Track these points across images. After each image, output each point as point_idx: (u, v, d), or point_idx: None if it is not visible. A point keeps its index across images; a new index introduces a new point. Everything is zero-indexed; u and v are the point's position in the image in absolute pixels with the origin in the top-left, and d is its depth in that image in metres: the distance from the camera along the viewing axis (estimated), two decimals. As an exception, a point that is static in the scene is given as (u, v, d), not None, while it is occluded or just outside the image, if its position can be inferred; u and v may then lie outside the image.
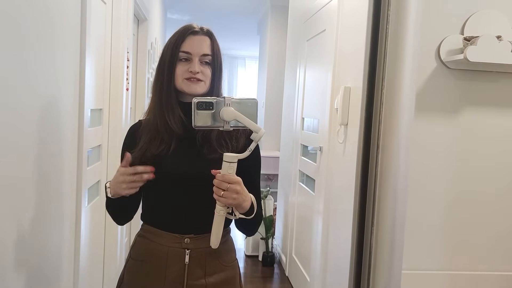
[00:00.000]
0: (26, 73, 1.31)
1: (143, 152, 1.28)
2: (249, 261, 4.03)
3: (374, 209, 0.77)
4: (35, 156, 1.39)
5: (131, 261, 1.38)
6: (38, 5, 1.37)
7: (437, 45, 1.94)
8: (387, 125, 0.73)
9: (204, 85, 1.29)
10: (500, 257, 2.07)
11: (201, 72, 1.27)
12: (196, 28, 1.31)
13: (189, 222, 1.31)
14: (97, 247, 2.39)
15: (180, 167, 1.28)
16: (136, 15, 3.42)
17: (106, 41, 2.43)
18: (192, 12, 6.46)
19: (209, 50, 1.29)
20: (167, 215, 1.32)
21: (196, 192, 1.27)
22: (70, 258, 1.82)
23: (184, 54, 1.28)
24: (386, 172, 0.73)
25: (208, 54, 1.29)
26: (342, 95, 2.29)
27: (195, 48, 1.28)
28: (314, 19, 3.11)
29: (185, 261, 1.30)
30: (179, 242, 1.31)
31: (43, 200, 1.48)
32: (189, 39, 1.29)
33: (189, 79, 1.27)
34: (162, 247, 1.31)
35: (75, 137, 1.80)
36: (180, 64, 1.28)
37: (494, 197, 2.04)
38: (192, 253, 1.31)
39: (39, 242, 1.47)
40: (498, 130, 2.01)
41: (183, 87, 1.28)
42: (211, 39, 1.31)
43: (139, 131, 1.34)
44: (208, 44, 1.30)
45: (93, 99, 2.17)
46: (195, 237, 1.31)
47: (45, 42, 1.44)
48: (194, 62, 1.27)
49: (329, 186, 2.58)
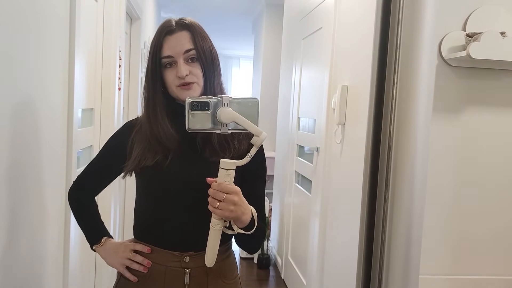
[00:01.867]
0: (11, 71, 1.24)
1: (138, 163, 1.18)
2: (244, 264, 3.97)
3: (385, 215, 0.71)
4: (19, 158, 1.32)
5: (123, 280, 1.25)
6: (24, 3, 1.30)
7: (438, 42, 1.88)
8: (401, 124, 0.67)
9: (198, 86, 1.17)
10: (504, 261, 2.02)
11: (191, 73, 1.15)
12: (172, 25, 1.17)
13: (190, 238, 1.19)
14: (88, 252, 2.32)
15: (179, 176, 1.17)
16: (128, 14, 3.36)
17: (98, 39, 2.37)
18: (185, 11, 6.40)
19: (190, 44, 1.15)
20: (165, 231, 1.20)
21: (197, 203, 1.12)
22: (59, 264, 1.75)
23: (166, 59, 1.15)
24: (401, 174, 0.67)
25: (191, 49, 1.15)
26: (340, 94, 2.24)
27: (174, 49, 1.15)
28: (310, 17, 3.05)
29: (185, 282, 1.18)
30: (178, 260, 1.18)
31: (28, 203, 1.41)
32: (166, 42, 1.16)
33: (181, 86, 1.15)
34: (159, 266, 1.19)
35: (64, 137, 1.73)
36: (167, 72, 1.17)
37: (497, 199, 1.99)
38: (192, 272, 1.18)
39: (25, 248, 1.40)
40: (501, 129, 1.96)
41: (177, 95, 1.17)
42: (190, 31, 1.16)
43: (134, 131, 1.25)
44: (188, 39, 1.15)
45: (84, 99, 2.11)
46: (195, 255, 1.18)
47: (32, 40, 1.37)
48: (179, 64, 1.14)
49: (326, 187, 2.53)
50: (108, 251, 1.27)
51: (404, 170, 0.68)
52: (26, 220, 1.39)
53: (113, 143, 1.31)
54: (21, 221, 1.35)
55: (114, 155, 1.27)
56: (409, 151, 0.66)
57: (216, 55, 1.22)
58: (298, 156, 3.33)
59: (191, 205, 1.18)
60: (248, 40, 7.19)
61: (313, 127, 2.90)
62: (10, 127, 1.25)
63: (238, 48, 9.17)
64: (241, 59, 9.99)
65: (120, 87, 2.88)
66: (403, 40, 0.69)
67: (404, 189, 0.69)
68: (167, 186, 1.19)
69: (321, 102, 2.64)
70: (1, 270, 1.23)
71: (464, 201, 1.98)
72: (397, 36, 0.69)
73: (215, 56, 1.21)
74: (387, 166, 0.68)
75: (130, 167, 1.21)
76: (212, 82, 1.19)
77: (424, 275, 1.98)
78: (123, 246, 1.25)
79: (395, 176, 0.68)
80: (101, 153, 1.33)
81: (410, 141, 0.66)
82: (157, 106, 1.19)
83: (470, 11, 1.88)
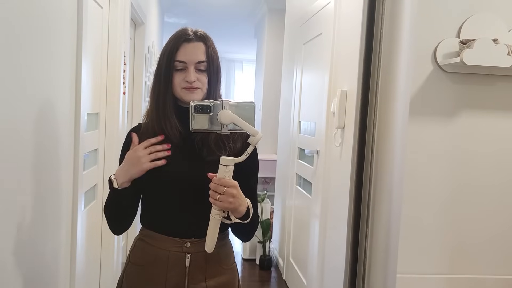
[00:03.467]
0: (22, 77, 1.31)
1: None
2: (246, 265, 4.02)
3: (368, 212, 0.77)
4: (31, 161, 1.38)
5: (131, 265, 1.37)
6: (34, 9, 1.37)
7: (433, 48, 1.94)
8: (381, 129, 0.73)
9: (201, 92, 1.29)
10: (498, 260, 2.07)
11: (198, 80, 1.27)
12: (190, 34, 1.29)
13: (190, 226, 1.31)
14: (94, 251, 2.38)
15: (180, 171, 1.29)
16: (133, 19, 3.42)
17: (103, 45, 2.43)
18: (189, 16, 6.46)
19: (204, 56, 1.28)
20: (168, 220, 1.32)
21: (196, 195, 1.26)
22: (67, 262, 1.81)
23: (179, 63, 1.27)
24: (381, 175, 0.72)
25: (203, 61, 1.28)
26: (339, 99, 2.29)
27: (189, 57, 1.27)
28: (310, 23, 3.11)
29: (185, 265, 1.30)
30: (179, 246, 1.30)
31: (39, 204, 1.47)
32: (183, 48, 1.27)
33: (186, 88, 1.28)
34: (162, 251, 1.31)
35: (72, 141, 1.80)
36: (176, 74, 1.28)
37: (490, 200, 2.04)
38: (192, 257, 1.31)
39: (36, 247, 1.46)
40: (494, 133, 2.01)
41: (181, 95, 1.29)
42: (205, 44, 1.30)
43: (139, 135, 1.33)
44: (202, 50, 1.28)
45: (90, 103, 2.17)
46: (195, 241, 1.31)
47: (41, 46, 1.44)
48: (189, 71, 1.27)
49: (326, 190, 2.58)
50: (119, 170, 1.28)
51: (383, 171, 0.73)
52: (39, 221, 1.45)
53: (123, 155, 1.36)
54: (34, 222, 1.41)
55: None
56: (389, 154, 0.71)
57: (220, 68, 1.34)
58: (299, 158, 3.38)
59: (191, 198, 1.29)
60: (251, 44, 7.25)
61: (314, 131, 2.96)
62: (31, 132, 1.32)
63: (240, 52, 9.24)
64: (244, 63, 10.05)
65: (125, 92, 2.94)
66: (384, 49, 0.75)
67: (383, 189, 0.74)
68: (170, 181, 1.30)
69: (321, 106, 2.69)
70: (22, 264, 1.31)
71: (460, 202, 2.03)
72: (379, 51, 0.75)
73: (219, 68, 1.34)
74: (370, 168, 0.74)
75: None
76: (214, 90, 1.32)
77: (421, 274, 2.03)
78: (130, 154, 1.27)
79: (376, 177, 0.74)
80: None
81: (389, 144, 0.72)
82: (167, 101, 1.30)
83: (464, 18, 1.93)
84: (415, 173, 1.97)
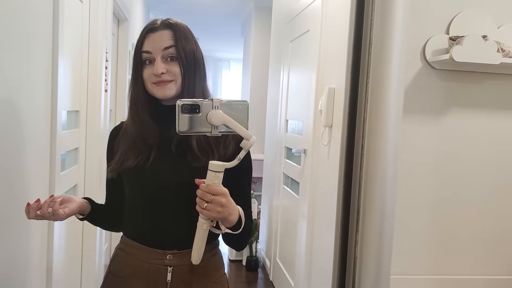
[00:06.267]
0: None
1: (120, 164, 1.21)
2: (232, 266, 3.97)
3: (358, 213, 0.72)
4: (2, 160, 1.31)
5: (111, 276, 1.28)
6: (5, 2, 1.29)
7: (422, 45, 1.90)
8: (372, 127, 0.68)
9: (174, 85, 1.16)
10: (487, 261, 2.04)
11: (168, 72, 1.15)
12: (157, 23, 1.18)
13: (172, 236, 1.20)
14: (74, 254, 2.30)
15: (160, 177, 1.18)
16: (116, 15, 3.35)
17: (83, 40, 2.35)
18: (175, 14, 6.38)
19: (171, 42, 1.15)
20: (148, 229, 1.22)
21: (179, 204, 1.16)
22: (42, 266, 1.73)
23: (145, 54, 1.16)
24: (372, 175, 0.68)
25: (169, 46, 1.15)
26: (327, 97, 2.25)
27: (154, 45, 1.15)
28: (297, 20, 3.06)
29: (167, 279, 1.20)
30: (161, 258, 1.20)
31: (12, 206, 1.40)
32: (148, 38, 1.17)
33: (156, 83, 1.16)
34: (142, 263, 1.21)
35: (47, 140, 1.72)
36: (145, 68, 1.17)
37: (480, 199, 2.01)
38: (175, 270, 1.19)
39: (9, 249, 1.38)
40: (483, 131, 1.98)
41: (153, 92, 1.18)
42: (173, 30, 1.16)
43: (120, 134, 1.26)
44: (169, 37, 1.16)
45: (69, 101, 2.09)
46: (178, 253, 1.20)
47: (13, 41, 1.36)
48: (156, 61, 1.15)
49: (314, 189, 2.53)
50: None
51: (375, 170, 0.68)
52: (10, 222, 1.37)
53: (108, 154, 1.32)
54: (5, 223, 1.34)
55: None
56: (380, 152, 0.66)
57: (200, 58, 1.21)
58: (286, 158, 3.34)
59: (172, 206, 1.19)
60: (238, 43, 7.20)
61: (301, 129, 2.91)
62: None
63: (228, 51, 9.17)
64: (231, 62, 9.98)
65: (107, 89, 2.86)
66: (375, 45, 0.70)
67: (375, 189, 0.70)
68: (148, 188, 1.20)
69: (309, 104, 2.65)
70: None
71: (449, 201, 2.00)
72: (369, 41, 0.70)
73: (198, 59, 1.20)
74: (360, 167, 0.69)
75: (113, 168, 1.22)
76: (192, 83, 1.18)
77: (410, 275, 1.99)
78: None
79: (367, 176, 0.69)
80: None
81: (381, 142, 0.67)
82: (138, 101, 1.20)
83: (453, 15, 1.90)
84: (403, 172, 1.93)
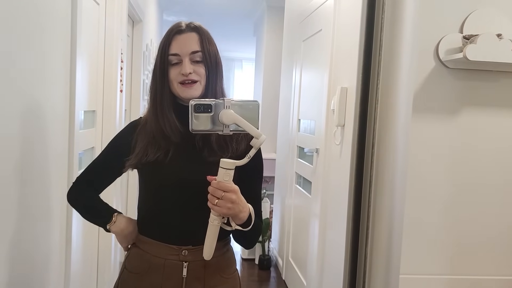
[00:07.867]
0: (13, 74, 1.27)
1: (139, 159, 1.23)
2: (245, 265, 3.99)
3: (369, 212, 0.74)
4: (25, 159, 1.34)
5: (126, 272, 1.31)
6: (26, 5, 1.33)
7: (435, 44, 1.90)
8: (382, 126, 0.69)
9: (199, 85, 1.22)
10: (502, 261, 2.03)
11: (194, 72, 1.20)
12: (182, 26, 1.24)
13: (188, 232, 1.23)
14: (90, 252, 2.35)
15: (178, 173, 1.22)
16: (130, 16, 3.39)
17: (99, 42, 2.39)
18: (188, 14, 6.42)
19: (198, 46, 1.21)
20: (164, 225, 1.25)
21: (195, 200, 1.19)
22: (61, 264, 1.77)
23: (173, 57, 1.21)
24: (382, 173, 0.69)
25: (197, 51, 1.21)
26: (339, 96, 2.25)
27: (182, 48, 1.21)
28: (310, 19, 3.07)
29: (182, 275, 1.23)
30: (176, 254, 1.23)
31: (34, 203, 1.43)
32: (175, 40, 1.22)
33: (183, 83, 1.21)
34: (158, 259, 1.24)
35: (66, 139, 1.76)
36: (172, 68, 1.22)
37: (495, 198, 2.00)
38: (190, 265, 1.23)
39: (27, 249, 1.42)
40: (498, 130, 1.97)
41: (178, 92, 1.22)
42: (199, 34, 1.23)
43: (138, 129, 1.29)
44: (196, 40, 1.22)
45: (86, 101, 2.13)
46: (193, 249, 1.23)
47: (33, 42, 1.40)
48: (184, 63, 1.20)
49: (326, 189, 2.54)
50: (119, 231, 1.33)
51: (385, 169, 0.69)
52: (31, 220, 1.41)
53: (117, 143, 1.35)
54: (25, 222, 1.37)
55: (117, 154, 1.30)
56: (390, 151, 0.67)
57: (220, 60, 1.27)
58: (298, 157, 3.35)
59: (188, 202, 1.22)
60: (250, 42, 7.21)
61: (313, 129, 2.92)
62: (18, 129, 1.28)
63: (240, 51, 9.19)
64: (244, 61, 10.00)
65: (122, 89, 2.90)
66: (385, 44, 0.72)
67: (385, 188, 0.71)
68: (166, 183, 1.23)
69: (321, 104, 2.66)
70: (7, 266, 1.26)
71: (462, 201, 1.99)
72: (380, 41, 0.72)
73: (219, 61, 1.27)
74: (371, 166, 0.70)
75: (132, 162, 1.25)
76: (214, 84, 1.24)
77: (422, 274, 1.99)
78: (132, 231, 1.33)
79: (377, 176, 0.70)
80: (105, 152, 1.37)
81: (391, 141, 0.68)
82: (164, 100, 1.24)
83: (467, 13, 1.89)
84: (416, 172, 1.93)
